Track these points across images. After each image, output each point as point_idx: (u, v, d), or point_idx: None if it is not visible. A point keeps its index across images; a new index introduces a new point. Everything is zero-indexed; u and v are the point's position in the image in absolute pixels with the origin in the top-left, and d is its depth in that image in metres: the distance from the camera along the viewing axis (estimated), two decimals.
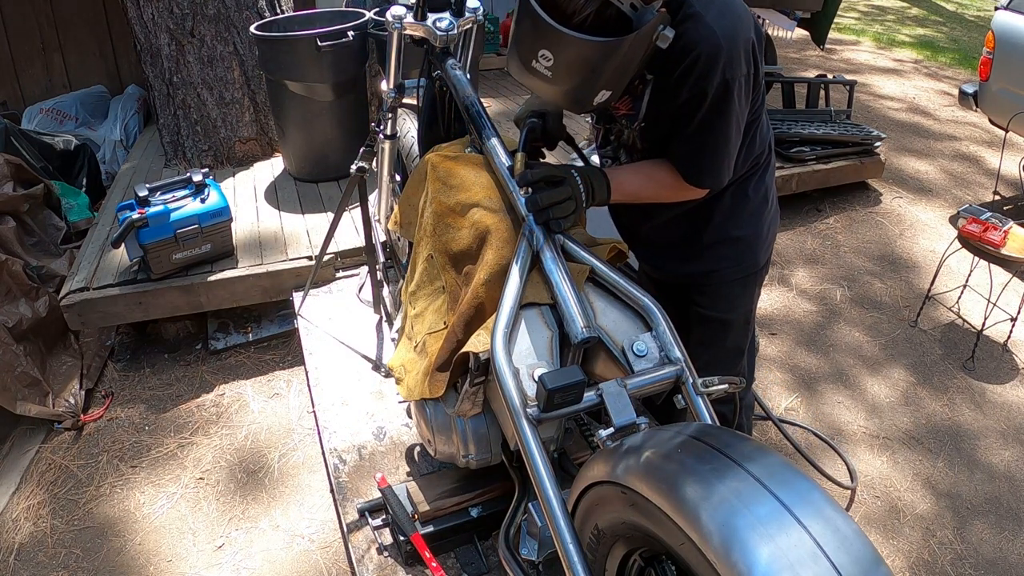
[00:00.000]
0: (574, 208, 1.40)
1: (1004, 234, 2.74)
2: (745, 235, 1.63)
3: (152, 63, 3.48)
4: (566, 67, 1.26)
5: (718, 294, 1.67)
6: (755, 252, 1.65)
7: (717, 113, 1.36)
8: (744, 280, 1.67)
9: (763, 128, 1.56)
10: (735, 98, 1.34)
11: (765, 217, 1.65)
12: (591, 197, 1.44)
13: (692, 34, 1.32)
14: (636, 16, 1.22)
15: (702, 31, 1.31)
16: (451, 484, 1.79)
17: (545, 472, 1.16)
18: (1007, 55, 3.94)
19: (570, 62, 1.25)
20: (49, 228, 3.19)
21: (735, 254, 1.64)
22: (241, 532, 2.09)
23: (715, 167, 1.44)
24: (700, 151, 1.42)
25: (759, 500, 0.87)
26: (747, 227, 1.63)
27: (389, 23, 1.77)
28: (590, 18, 1.21)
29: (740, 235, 1.62)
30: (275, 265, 2.80)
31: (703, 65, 1.31)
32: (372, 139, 2.15)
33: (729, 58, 1.31)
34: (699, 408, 1.27)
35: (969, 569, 2.03)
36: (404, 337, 1.67)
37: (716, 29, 1.30)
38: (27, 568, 2.01)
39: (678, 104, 1.37)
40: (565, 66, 1.25)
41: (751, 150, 1.53)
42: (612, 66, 1.25)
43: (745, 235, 1.63)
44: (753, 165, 1.58)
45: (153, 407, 2.58)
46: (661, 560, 1.09)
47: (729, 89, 1.33)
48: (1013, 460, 2.40)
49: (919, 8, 10.32)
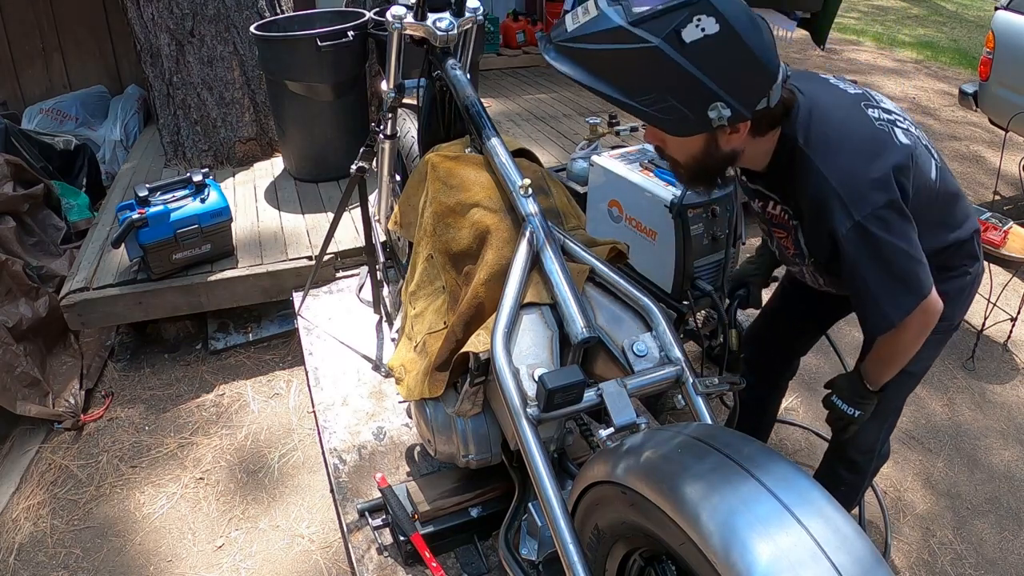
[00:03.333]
0: (846, 424, 1.52)
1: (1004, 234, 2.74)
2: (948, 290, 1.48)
3: (152, 63, 3.48)
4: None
5: None
6: (952, 311, 1.50)
7: (866, 258, 1.26)
8: (940, 337, 1.54)
9: (955, 217, 1.45)
10: (880, 235, 1.24)
11: (967, 281, 1.54)
12: (850, 403, 1.51)
13: (803, 181, 1.28)
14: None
15: (812, 178, 1.26)
16: (451, 484, 1.79)
17: (545, 472, 1.16)
18: (1007, 55, 3.94)
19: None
20: (49, 228, 3.18)
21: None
22: (241, 532, 2.09)
23: (885, 311, 1.30)
24: (864, 302, 1.33)
25: (759, 500, 0.87)
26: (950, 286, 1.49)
27: (389, 23, 1.77)
28: None
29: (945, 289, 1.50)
30: (275, 265, 2.80)
31: (825, 215, 1.25)
32: (372, 139, 2.15)
33: (843, 206, 1.23)
34: (699, 408, 1.27)
35: (969, 569, 2.03)
36: (404, 337, 1.67)
37: (827, 174, 1.24)
38: (27, 568, 2.01)
39: (828, 252, 1.32)
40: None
41: (943, 242, 1.43)
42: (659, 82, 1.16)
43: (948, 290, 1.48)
44: (955, 249, 1.47)
45: (153, 407, 2.58)
46: (661, 560, 1.09)
47: (866, 231, 1.23)
48: (1013, 460, 2.40)
49: (920, 8, 10.32)
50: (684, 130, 1.21)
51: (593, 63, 1.16)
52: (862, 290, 1.31)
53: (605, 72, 1.16)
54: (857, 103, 1.35)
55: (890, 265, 1.27)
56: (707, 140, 1.25)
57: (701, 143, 1.26)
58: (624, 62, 1.14)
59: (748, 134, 1.29)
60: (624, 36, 1.12)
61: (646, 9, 1.11)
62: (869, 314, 1.34)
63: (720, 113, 1.15)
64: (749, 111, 1.19)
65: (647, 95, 1.15)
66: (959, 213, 1.47)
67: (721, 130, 1.22)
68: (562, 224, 1.56)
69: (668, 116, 1.16)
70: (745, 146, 1.32)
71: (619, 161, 2.44)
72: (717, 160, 1.30)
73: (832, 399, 1.56)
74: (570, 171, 3.09)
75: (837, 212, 1.24)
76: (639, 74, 1.14)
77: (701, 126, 1.17)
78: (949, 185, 1.44)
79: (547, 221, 1.44)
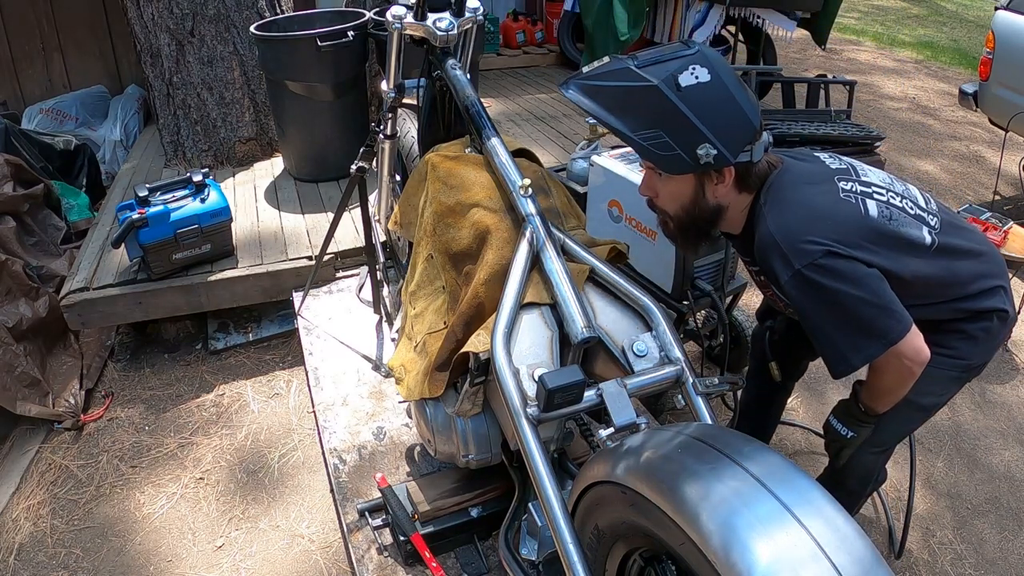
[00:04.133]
0: (840, 447, 1.57)
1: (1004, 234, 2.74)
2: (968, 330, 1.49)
3: (152, 63, 3.48)
4: None
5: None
6: (972, 351, 1.50)
7: (812, 303, 1.32)
8: (956, 378, 1.54)
9: (966, 274, 1.44)
10: (823, 282, 1.28)
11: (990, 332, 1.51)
12: (845, 423, 1.55)
13: (757, 237, 1.37)
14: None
15: (761, 232, 1.35)
16: (451, 484, 1.79)
17: (545, 472, 1.16)
18: (1007, 55, 3.94)
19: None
20: (49, 228, 3.18)
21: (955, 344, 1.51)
22: (241, 532, 2.09)
23: (843, 354, 1.33)
24: (820, 345, 1.37)
25: (759, 500, 0.87)
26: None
27: (389, 23, 1.77)
28: None
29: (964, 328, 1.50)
30: (275, 265, 2.80)
31: (771, 267, 1.34)
32: (372, 139, 2.15)
33: (783, 257, 1.30)
34: (699, 408, 1.27)
35: (969, 569, 2.03)
36: (404, 337, 1.67)
37: (772, 229, 1.33)
38: (27, 568, 2.01)
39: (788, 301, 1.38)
40: None
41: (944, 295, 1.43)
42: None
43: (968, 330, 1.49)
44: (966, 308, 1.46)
45: (153, 407, 2.58)
46: (661, 560, 1.09)
47: (807, 279, 1.29)
48: (1013, 460, 2.40)
49: (920, 8, 10.32)
50: (676, 167, 1.34)
51: (604, 98, 1.34)
52: (817, 334, 1.36)
53: (613, 108, 1.33)
54: (831, 176, 1.41)
55: (841, 311, 1.30)
56: (695, 187, 1.39)
57: (690, 190, 1.40)
58: (629, 98, 1.31)
59: (734, 187, 1.39)
60: (630, 75, 1.30)
61: (650, 56, 1.32)
62: (827, 356, 1.37)
63: (707, 151, 1.28)
64: (732, 156, 1.31)
65: (646, 131, 1.31)
66: (975, 267, 1.45)
67: (708, 178, 1.37)
68: (562, 224, 1.56)
69: (663, 152, 1.31)
70: (730, 202, 1.42)
71: (619, 161, 2.44)
72: (704, 212, 1.43)
73: (829, 419, 1.59)
74: (570, 171, 3.09)
75: (778, 263, 1.32)
76: (640, 110, 1.31)
77: (691, 165, 1.31)
78: (955, 245, 1.43)
79: (547, 221, 1.44)
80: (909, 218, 1.40)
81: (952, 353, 1.48)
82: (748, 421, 2.09)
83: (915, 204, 1.44)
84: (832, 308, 1.30)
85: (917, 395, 1.49)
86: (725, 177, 1.36)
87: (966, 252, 1.45)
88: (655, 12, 4.69)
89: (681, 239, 1.52)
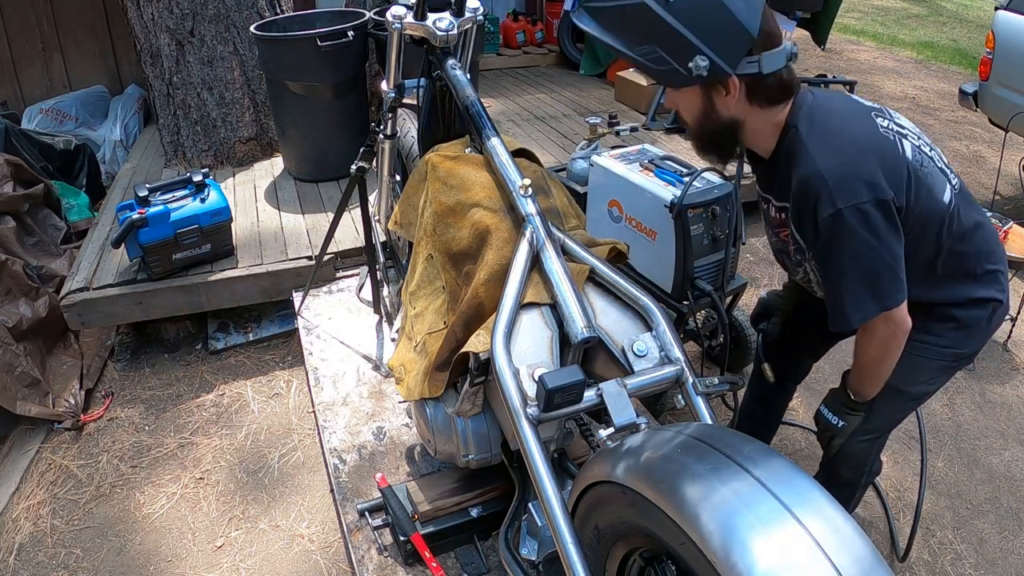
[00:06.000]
0: (831, 437, 1.57)
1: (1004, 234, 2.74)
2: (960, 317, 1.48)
3: (152, 63, 3.48)
4: None
5: (908, 361, 1.54)
6: (964, 340, 1.50)
7: (838, 248, 1.29)
8: (946, 367, 1.54)
9: (975, 245, 1.43)
10: (858, 228, 1.26)
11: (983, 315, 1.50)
12: (835, 412, 1.55)
13: (796, 166, 1.32)
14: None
15: (804, 162, 1.31)
16: (451, 484, 1.79)
17: (545, 472, 1.16)
18: (1007, 55, 3.94)
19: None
20: (49, 228, 3.18)
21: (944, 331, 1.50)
22: (241, 532, 2.09)
23: (845, 309, 1.33)
24: (829, 294, 1.36)
25: (759, 500, 0.87)
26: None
27: (389, 23, 1.77)
28: None
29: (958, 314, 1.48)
30: (275, 265, 2.80)
31: (810, 200, 1.29)
32: (372, 139, 2.15)
33: (827, 192, 1.27)
34: (699, 408, 1.27)
35: (969, 569, 2.03)
36: (404, 337, 1.67)
37: (818, 160, 1.28)
38: (27, 568, 2.01)
39: (808, 240, 1.36)
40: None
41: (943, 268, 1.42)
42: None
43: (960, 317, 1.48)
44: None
45: (153, 407, 2.58)
46: (661, 560, 1.09)
47: (845, 221, 1.26)
48: (1013, 460, 2.40)
49: (920, 8, 10.32)
50: (675, 81, 1.33)
51: (603, 19, 1.35)
52: (828, 279, 1.35)
53: (612, 27, 1.33)
54: (868, 112, 1.39)
55: (860, 261, 1.29)
56: (704, 100, 1.37)
57: (700, 103, 1.38)
58: (623, 16, 1.31)
59: (747, 102, 1.36)
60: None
61: None
62: (832, 308, 1.37)
63: (698, 64, 1.26)
64: (729, 66, 1.28)
65: (642, 46, 1.30)
66: (980, 243, 1.45)
67: (715, 90, 1.34)
68: (562, 224, 1.56)
69: (660, 67, 1.30)
70: (746, 117, 1.38)
71: (619, 161, 2.44)
72: (718, 124, 1.40)
73: (820, 409, 1.59)
74: (570, 171, 3.09)
75: (822, 197, 1.28)
76: (634, 27, 1.30)
77: (687, 78, 1.29)
78: (967, 215, 1.42)
79: (547, 221, 1.44)
80: (936, 170, 1.38)
81: (942, 342, 1.48)
82: (749, 422, 2.08)
83: (940, 159, 1.43)
84: (854, 257, 1.29)
85: (905, 383, 1.51)
86: (731, 89, 1.32)
87: (976, 224, 1.44)
88: None
89: (699, 150, 1.50)
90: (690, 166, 2.33)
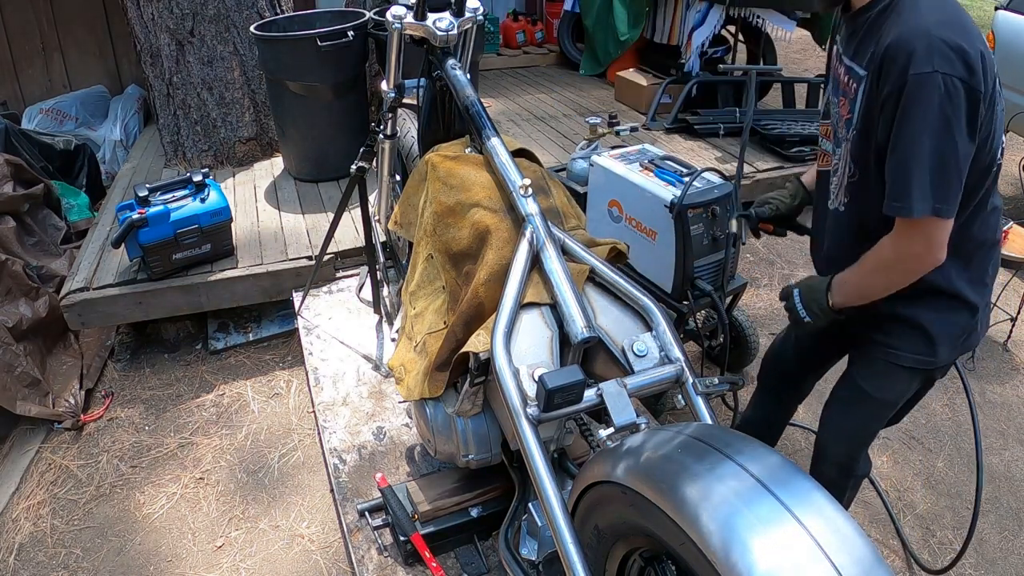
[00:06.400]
0: (797, 320, 1.51)
1: (1004, 234, 2.74)
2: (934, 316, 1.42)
3: (152, 63, 3.48)
4: None
5: (875, 359, 1.51)
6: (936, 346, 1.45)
7: (919, 114, 1.18)
8: (913, 371, 1.49)
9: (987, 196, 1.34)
10: (943, 103, 1.16)
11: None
12: (809, 309, 1.48)
13: (896, 23, 1.24)
14: None
15: (908, 19, 1.22)
16: (451, 484, 1.79)
17: (545, 472, 1.16)
18: (1007, 55, 3.94)
19: None
20: (49, 228, 3.18)
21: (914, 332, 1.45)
22: (241, 532, 2.09)
23: (909, 190, 1.21)
24: (904, 166, 1.22)
25: (759, 500, 0.87)
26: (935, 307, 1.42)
27: (389, 23, 1.78)
28: None
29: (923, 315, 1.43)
30: (275, 265, 2.80)
31: (905, 55, 1.19)
32: (372, 139, 2.15)
33: (928, 50, 1.17)
34: (699, 408, 1.27)
35: (969, 569, 2.03)
36: (404, 337, 1.67)
37: (926, 21, 1.20)
38: (27, 568, 2.01)
39: (880, 104, 1.25)
40: None
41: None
42: None
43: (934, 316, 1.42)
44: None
45: (153, 407, 2.58)
46: (661, 560, 1.09)
47: (935, 87, 1.15)
48: (1013, 460, 2.40)
49: None
50: None
51: None
52: (898, 152, 1.23)
53: None
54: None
55: (934, 140, 1.18)
56: None
57: None
58: None
59: None
60: None
61: None
62: (891, 182, 1.25)
63: None
64: None
65: None
66: (991, 232, 1.41)
67: None
68: (562, 224, 1.56)
69: None
70: None
71: (619, 161, 2.44)
72: None
73: (794, 290, 1.52)
74: (570, 171, 3.09)
75: (919, 53, 1.17)
76: None
77: None
78: (995, 191, 1.39)
79: (547, 221, 1.44)
80: (1000, 116, 1.30)
81: (912, 350, 1.46)
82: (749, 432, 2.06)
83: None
84: (930, 133, 1.18)
85: (874, 389, 1.53)
86: None
87: (995, 207, 1.40)
88: (655, 12, 4.69)
89: None
90: (690, 166, 2.33)
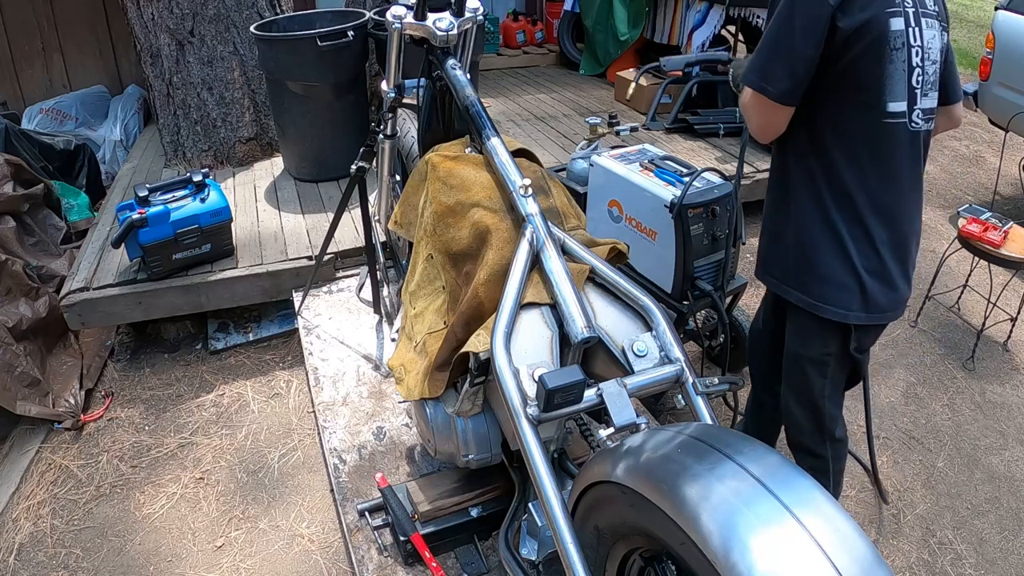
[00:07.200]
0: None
1: (1004, 234, 2.74)
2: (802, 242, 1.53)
3: (152, 63, 3.48)
4: None
5: (795, 315, 1.57)
6: (834, 289, 1.50)
7: (776, 10, 1.41)
8: (820, 321, 1.53)
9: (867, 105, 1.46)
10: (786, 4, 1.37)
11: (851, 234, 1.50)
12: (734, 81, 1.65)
13: None
14: None
15: None
16: (451, 484, 1.79)
17: (545, 472, 1.16)
18: (1007, 55, 3.94)
19: None
20: (49, 228, 3.18)
21: (798, 270, 1.54)
22: (241, 532, 2.09)
23: (753, 63, 1.45)
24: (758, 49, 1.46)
25: (759, 500, 0.87)
26: (805, 235, 1.52)
27: (389, 23, 1.78)
28: None
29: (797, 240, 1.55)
30: (275, 265, 2.80)
31: None
32: (372, 139, 2.15)
33: None
34: (699, 408, 1.27)
35: (969, 569, 2.03)
36: (404, 337, 1.67)
37: None
38: (27, 568, 2.01)
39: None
40: None
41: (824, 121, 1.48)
42: None
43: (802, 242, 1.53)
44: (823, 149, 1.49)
45: (153, 407, 2.58)
46: (661, 560, 1.09)
47: None
48: (1013, 460, 2.40)
49: None
50: None
51: None
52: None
53: None
54: None
55: (773, 28, 1.41)
56: None
57: None
58: None
59: None
60: None
61: None
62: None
63: None
64: None
65: None
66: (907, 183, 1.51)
67: None
68: (562, 224, 1.56)
69: None
70: None
71: (619, 161, 2.44)
72: None
73: (734, 72, 1.69)
74: (570, 171, 3.09)
75: None
76: None
77: None
78: (911, 168, 1.50)
79: (547, 221, 1.44)
80: (902, 72, 1.44)
81: (835, 303, 1.50)
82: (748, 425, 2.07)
83: (927, 76, 1.51)
84: (774, 23, 1.41)
85: (800, 347, 1.57)
86: None
87: (899, 177, 1.48)
88: (655, 12, 4.70)
89: None
90: (690, 166, 2.33)
